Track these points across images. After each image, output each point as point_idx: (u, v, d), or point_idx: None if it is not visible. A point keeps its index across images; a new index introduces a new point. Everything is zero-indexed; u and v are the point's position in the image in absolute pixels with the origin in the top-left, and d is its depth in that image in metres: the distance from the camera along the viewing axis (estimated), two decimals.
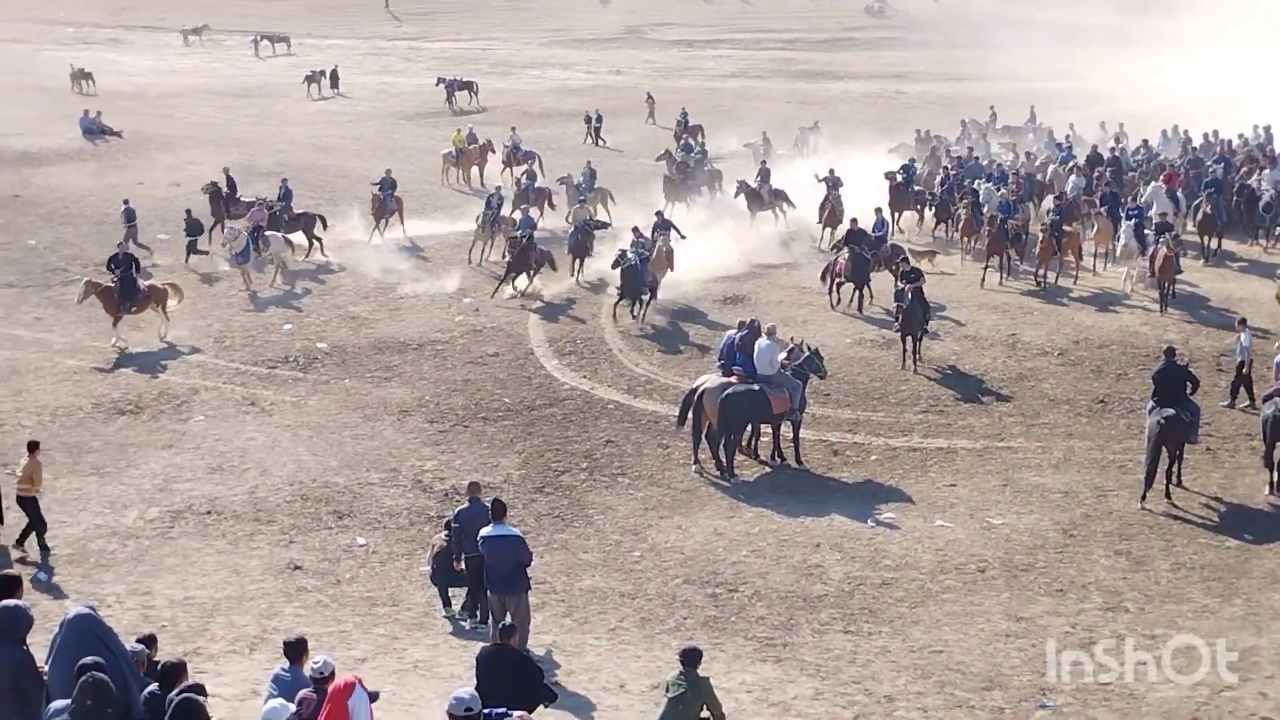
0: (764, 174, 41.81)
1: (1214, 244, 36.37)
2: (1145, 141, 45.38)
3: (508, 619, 15.74)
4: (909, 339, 28.36)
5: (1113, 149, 44.49)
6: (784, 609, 18.50)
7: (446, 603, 18.39)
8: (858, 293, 32.48)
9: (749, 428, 24.16)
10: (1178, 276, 32.08)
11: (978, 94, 62.02)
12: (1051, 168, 41.56)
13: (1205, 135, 45.74)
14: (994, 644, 17.25)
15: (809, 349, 24.95)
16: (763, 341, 23.89)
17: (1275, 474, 21.84)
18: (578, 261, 35.38)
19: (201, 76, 70.71)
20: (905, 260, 31.75)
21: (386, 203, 39.16)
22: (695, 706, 13.66)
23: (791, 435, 24.13)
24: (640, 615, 18.43)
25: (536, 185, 41.70)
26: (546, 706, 14.29)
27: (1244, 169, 40.23)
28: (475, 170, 48.66)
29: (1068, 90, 60.48)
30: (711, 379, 24.22)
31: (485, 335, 31.13)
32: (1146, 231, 32.97)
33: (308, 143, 53.44)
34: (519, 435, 25.40)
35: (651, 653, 17.13)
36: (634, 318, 31.88)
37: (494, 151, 49.47)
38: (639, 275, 31.62)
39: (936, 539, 20.75)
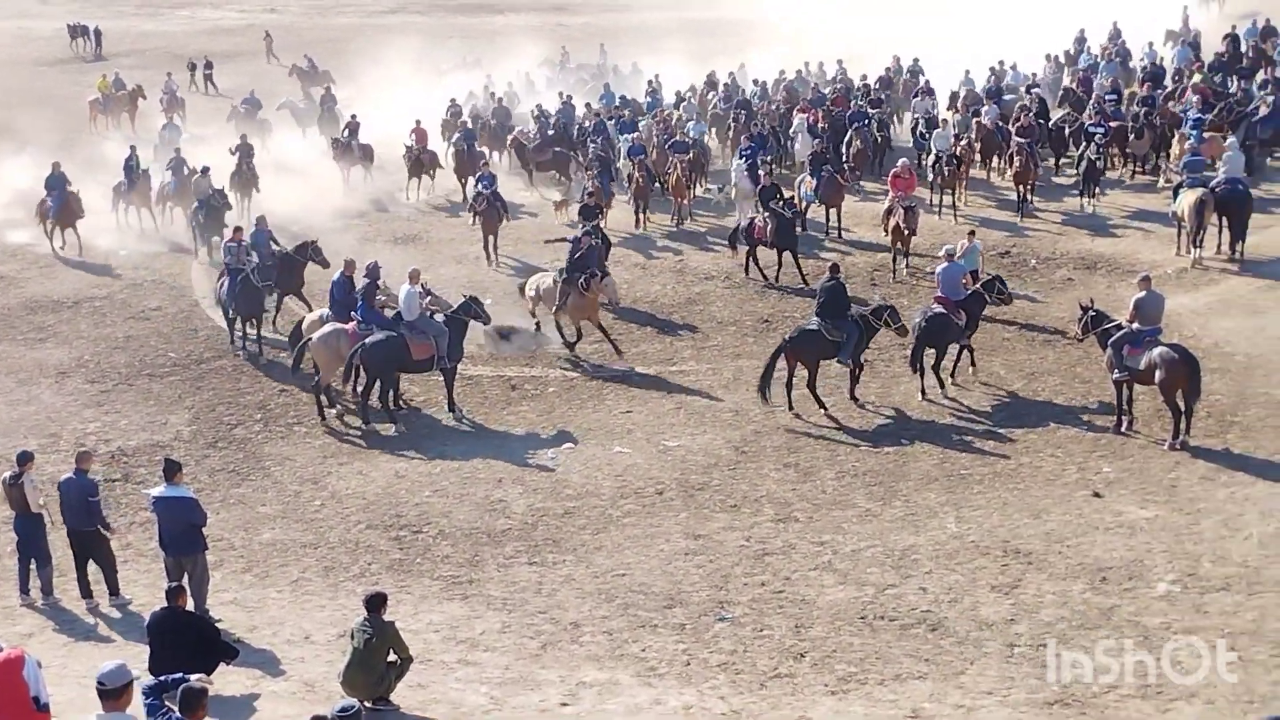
0: (353, 129, 39.90)
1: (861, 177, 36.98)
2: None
3: (185, 580, 15.33)
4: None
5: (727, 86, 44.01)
6: (469, 546, 18.55)
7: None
8: (784, 257, 29.64)
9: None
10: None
11: (635, 24, 62.67)
12: (644, 121, 40.03)
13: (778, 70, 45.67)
14: (674, 563, 17.71)
15: (466, 295, 24.72)
16: (406, 286, 23.57)
17: (924, 380, 23.09)
18: (203, 242, 31.92)
19: None
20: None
21: (55, 205, 32.89)
22: (382, 651, 13.65)
23: (445, 382, 23.71)
24: (323, 564, 18.18)
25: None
26: (228, 664, 14.01)
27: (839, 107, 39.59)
28: (126, 117, 46.62)
29: (712, 20, 61.25)
30: (325, 326, 23.64)
31: (146, 289, 29.99)
32: (760, 171, 32.86)
33: None
34: (188, 390, 24.63)
35: (336, 601, 16.93)
36: (242, 348, 26.56)
37: (144, 98, 47.48)
38: (257, 293, 26.48)
39: (615, 465, 21.13)
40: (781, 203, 29.96)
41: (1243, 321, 25.58)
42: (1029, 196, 33.20)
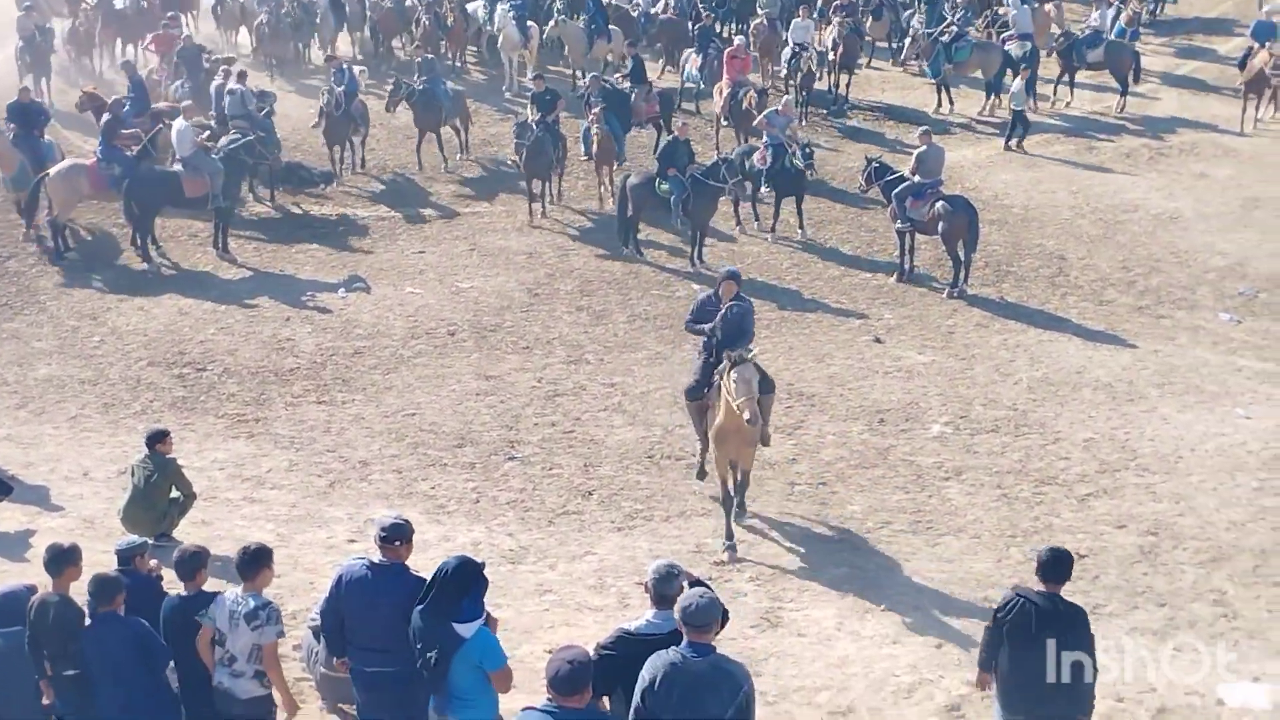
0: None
1: None
2: None
3: None
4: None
5: None
6: (255, 384, 18.26)
7: None
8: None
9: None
10: None
11: None
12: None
13: None
14: (465, 403, 17.73)
15: (257, 133, 23.88)
16: (179, 123, 22.80)
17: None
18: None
19: None
20: None
21: None
22: (164, 488, 13.44)
23: (217, 223, 22.94)
24: (103, 401, 17.71)
25: None
26: (2, 500, 13.66)
27: None
28: None
29: None
30: (63, 161, 22.77)
31: None
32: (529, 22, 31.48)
33: None
34: None
35: (117, 438, 16.53)
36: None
37: None
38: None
39: (407, 306, 20.97)
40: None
41: (1020, 174, 26.44)
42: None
